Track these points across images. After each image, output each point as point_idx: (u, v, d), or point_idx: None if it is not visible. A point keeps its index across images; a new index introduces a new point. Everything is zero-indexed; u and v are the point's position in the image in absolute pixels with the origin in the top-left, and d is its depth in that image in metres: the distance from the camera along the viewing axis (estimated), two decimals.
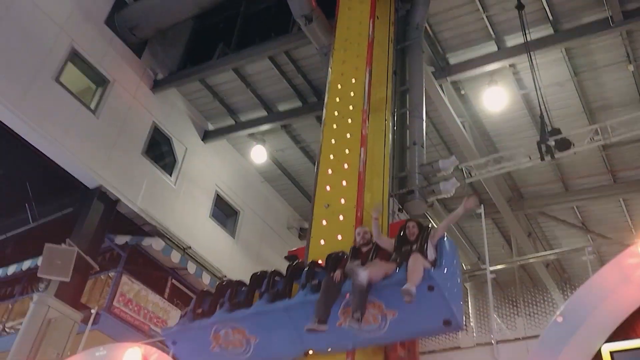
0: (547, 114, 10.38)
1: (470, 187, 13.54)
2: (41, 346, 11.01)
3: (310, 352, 5.55)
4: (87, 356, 4.01)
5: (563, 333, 2.54)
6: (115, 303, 12.25)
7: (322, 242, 7.43)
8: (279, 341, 5.75)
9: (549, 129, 9.98)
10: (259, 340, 5.65)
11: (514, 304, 7.84)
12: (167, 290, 13.62)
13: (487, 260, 7.70)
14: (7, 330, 13.81)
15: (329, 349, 5.64)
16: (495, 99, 11.85)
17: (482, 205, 8.93)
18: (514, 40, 11.15)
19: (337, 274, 5.43)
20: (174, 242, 13.37)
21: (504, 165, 11.34)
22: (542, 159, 9.89)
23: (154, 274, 13.64)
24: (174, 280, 13.89)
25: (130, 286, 12.73)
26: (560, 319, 2.67)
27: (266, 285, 5.99)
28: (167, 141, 14.20)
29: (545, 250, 14.52)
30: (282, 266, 16.32)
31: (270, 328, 5.74)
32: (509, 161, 11.29)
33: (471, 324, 7.95)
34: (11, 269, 14.72)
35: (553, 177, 13.71)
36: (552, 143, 9.73)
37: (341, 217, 7.44)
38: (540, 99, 10.01)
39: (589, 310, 2.70)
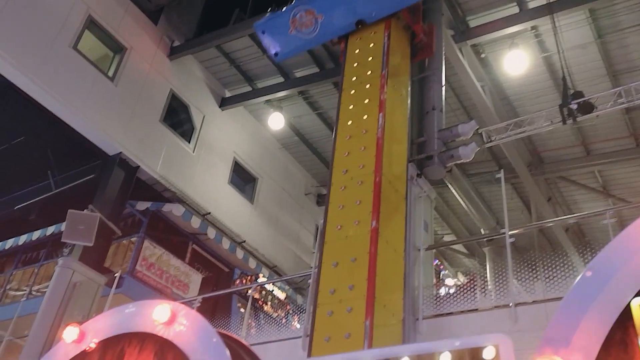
0: (569, 77, 10.18)
1: (490, 152, 13.43)
2: (67, 309, 11.35)
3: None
4: (117, 312, 4.12)
5: (592, 288, 2.53)
6: (138, 267, 12.53)
7: (341, 207, 7.47)
8: (338, 16, 8.15)
9: (571, 92, 9.81)
10: (324, 19, 7.69)
11: (533, 268, 7.86)
12: (188, 255, 13.89)
13: (506, 224, 7.68)
14: (33, 293, 14.24)
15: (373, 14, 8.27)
16: (516, 62, 11.62)
17: (501, 170, 8.87)
18: (535, 1, 10.85)
19: None
20: (193, 208, 13.55)
21: (525, 129, 11.19)
22: (564, 122, 9.76)
23: (175, 239, 13.89)
24: (194, 245, 14.13)
25: (152, 251, 12.99)
26: (589, 273, 2.66)
27: None
28: (185, 108, 14.24)
29: (565, 215, 14.44)
30: (302, 234, 16.48)
31: (332, 6, 8.23)
32: (529, 125, 11.14)
33: (489, 287, 8.00)
34: (36, 235, 15.10)
35: (574, 141, 13.53)
36: (574, 106, 9.57)
37: (360, 183, 7.45)
38: (563, 62, 9.81)
39: (620, 263, 2.67)
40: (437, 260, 13.76)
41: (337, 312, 6.63)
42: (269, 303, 13.96)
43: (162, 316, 3.72)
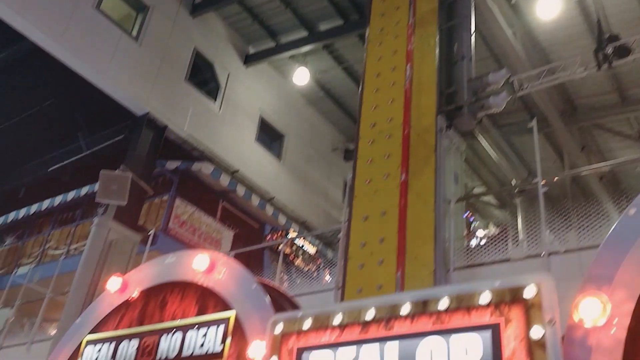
0: (604, 20, 9.78)
1: (521, 101, 13.13)
2: (105, 266, 11.70)
3: None
4: (158, 263, 4.23)
5: (635, 225, 2.48)
6: (170, 225, 12.79)
7: (369, 161, 7.44)
8: None
9: (606, 35, 9.44)
10: None
11: (566, 217, 7.76)
12: (219, 212, 14.10)
13: (539, 173, 7.56)
14: (71, 251, 14.70)
15: None
16: (548, 6, 11.18)
17: (534, 118, 8.68)
18: None
19: None
20: (222, 166, 13.67)
21: (557, 76, 10.86)
22: (599, 68, 9.44)
23: (205, 196, 14.08)
24: (224, 203, 14.32)
25: (183, 209, 13.22)
26: (632, 211, 2.60)
27: None
28: (210, 66, 14.17)
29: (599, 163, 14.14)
30: (330, 189, 16.49)
31: None
32: (562, 72, 10.80)
33: (521, 238, 7.95)
34: (70, 195, 15.47)
35: (609, 88, 13.10)
36: (609, 51, 9.23)
37: (388, 136, 7.38)
38: (597, 4, 9.41)
39: None
40: (468, 212, 13.68)
41: (368, 265, 6.69)
42: (300, 257, 14.16)
43: (201, 265, 3.81)
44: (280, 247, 12.20)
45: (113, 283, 4.21)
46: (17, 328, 14.19)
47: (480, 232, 13.81)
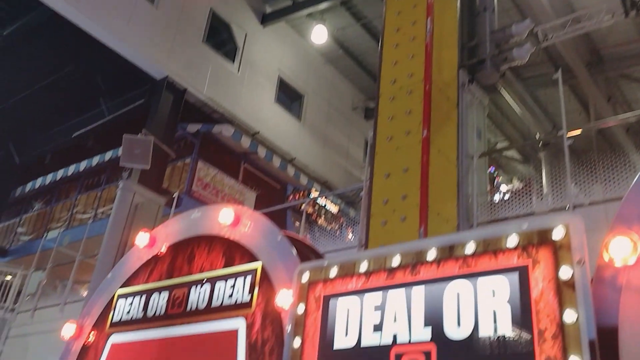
0: None
1: (545, 53, 12.80)
2: (132, 228, 11.93)
3: None
4: (184, 218, 4.29)
5: None
6: (194, 187, 12.93)
7: (390, 118, 7.36)
8: None
9: None
10: None
11: (591, 170, 7.64)
12: (241, 174, 14.19)
13: (563, 124, 7.43)
14: (99, 215, 15.00)
15: None
16: None
17: (559, 69, 8.46)
18: None
19: None
20: (242, 128, 13.69)
21: (583, 25, 10.52)
22: (626, 15, 9.11)
23: (227, 159, 14.16)
24: (246, 165, 14.40)
25: (206, 171, 13.33)
26: None
27: None
28: (227, 27, 14.04)
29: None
30: (351, 148, 16.39)
31: None
32: (588, 20, 10.46)
33: (545, 191, 7.87)
34: (95, 160, 15.70)
35: (636, 36, 12.66)
36: None
37: (409, 92, 7.28)
38: None
39: None
40: (492, 168, 13.56)
41: (391, 222, 6.69)
42: (323, 217, 14.25)
43: (227, 219, 3.85)
44: (302, 207, 12.28)
45: (141, 238, 4.30)
46: (50, 290, 14.66)
47: (503, 187, 13.70)
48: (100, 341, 4.19)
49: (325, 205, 14.49)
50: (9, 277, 14.49)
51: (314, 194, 14.50)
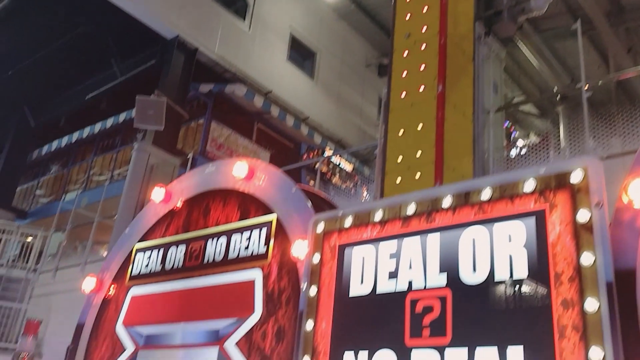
0: None
1: (564, 3, 12.41)
2: (148, 190, 12.04)
3: None
4: (199, 173, 4.30)
5: None
6: (208, 148, 12.96)
7: (405, 74, 7.24)
8: None
9: None
10: None
11: (610, 123, 7.50)
12: (254, 134, 14.17)
13: (582, 76, 7.26)
14: (115, 177, 15.15)
15: None
16: None
17: (578, 20, 8.22)
18: None
19: None
20: (255, 88, 13.59)
21: None
22: None
23: (240, 119, 14.12)
24: (259, 124, 14.36)
25: (220, 131, 13.33)
26: None
27: None
28: None
29: None
30: (365, 106, 16.25)
31: None
32: None
33: (562, 146, 7.75)
34: (109, 122, 15.76)
35: None
36: None
37: (423, 46, 7.13)
38: None
39: None
40: (508, 123, 13.37)
41: (406, 179, 6.66)
42: (337, 175, 14.25)
43: (241, 172, 3.85)
44: (316, 166, 12.28)
45: (157, 193, 4.33)
46: (70, 250, 14.95)
47: (520, 142, 13.54)
48: (121, 294, 4.28)
49: (339, 164, 14.47)
50: (29, 239, 14.79)
51: (328, 152, 14.47)
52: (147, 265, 4.23)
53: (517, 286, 2.44)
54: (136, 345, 3.96)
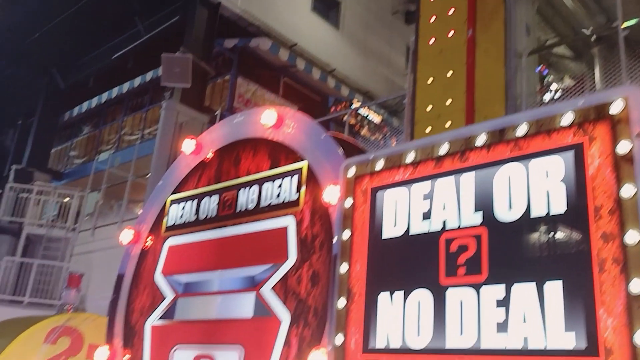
0: None
1: None
2: (178, 148, 12.19)
3: None
4: (227, 123, 4.31)
5: None
6: (235, 104, 12.98)
7: (433, 19, 7.06)
8: None
9: None
10: None
11: None
12: (281, 88, 14.10)
13: (619, 14, 6.96)
14: (145, 136, 15.34)
15: None
16: None
17: None
18: None
19: None
20: (280, 41, 13.44)
21: None
22: None
23: (266, 73, 14.05)
24: (285, 78, 14.27)
25: (246, 87, 13.31)
26: None
27: None
28: None
29: None
30: (392, 56, 15.90)
31: None
32: None
33: (598, 88, 7.52)
34: (137, 82, 15.87)
35: None
36: None
37: None
38: None
39: None
40: (541, 66, 12.96)
41: (436, 128, 6.57)
42: (366, 127, 14.15)
43: (269, 120, 3.84)
44: (344, 119, 12.19)
45: (187, 145, 4.36)
46: (106, 209, 15.35)
47: (554, 86, 13.16)
48: (158, 245, 4.38)
49: (367, 116, 14.35)
50: (67, 199, 15.21)
51: (356, 104, 14.33)
52: (181, 216, 4.30)
53: (555, 221, 2.40)
54: (175, 293, 4.07)
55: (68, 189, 15.45)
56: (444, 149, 2.89)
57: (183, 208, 4.31)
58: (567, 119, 2.44)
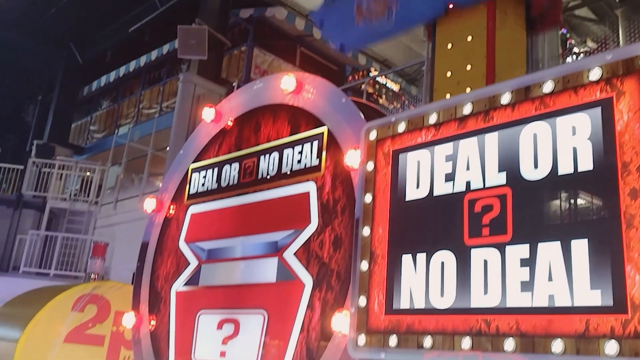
0: None
1: None
2: (196, 120, 12.21)
3: (451, 6, 5.09)
4: (247, 90, 4.30)
5: None
6: (252, 75, 12.92)
7: None
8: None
9: None
10: (401, 3, 5.29)
11: None
12: (297, 58, 14.00)
13: None
14: (164, 109, 15.39)
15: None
16: None
17: None
18: None
19: None
20: (295, 10, 13.28)
21: None
22: None
23: (282, 44, 13.94)
24: (302, 48, 14.15)
25: (262, 58, 13.24)
26: None
27: None
28: None
29: None
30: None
31: None
32: None
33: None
34: (154, 55, 15.86)
35: None
36: None
37: None
38: None
39: None
40: (564, 30, 12.64)
41: (456, 95, 6.46)
42: (384, 96, 14.02)
43: (289, 85, 3.81)
44: (362, 87, 12.08)
45: (207, 113, 4.36)
46: (127, 183, 15.53)
47: (576, 50, 12.87)
48: (180, 213, 4.42)
49: (385, 84, 14.20)
50: (88, 173, 15.41)
51: (373, 73, 14.17)
52: (203, 184, 4.33)
53: (582, 179, 2.36)
54: (199, 259, 4.12)
55: (89, 163, 15.66)
56: (467, 109, 2.85)
57: (204, 176, 4.34)
58: (595, 74, 2.38)
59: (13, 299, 7.22)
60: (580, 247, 2.32)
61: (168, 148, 12.72)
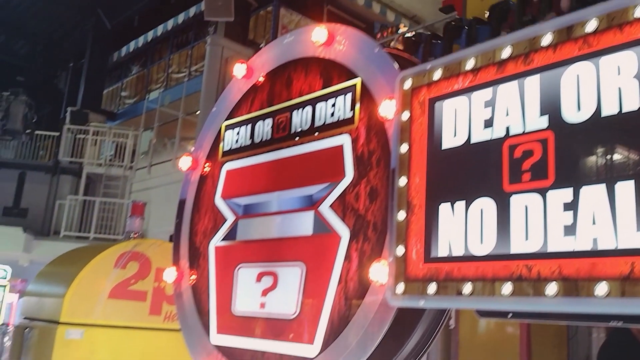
0: None
1: None
2: (226, 83, 12.20)
3: None
4: (277, 44, 4.26)
5: None
6: (279, 35, 12.77)
7: None
8: None
9: None
10: None
11: None
12: (324, 17, 13.77)
13: None
14: (193, 73, 15.43)
15: None
16: None
17: None
18: None
19: None
20: None
21: None
22: None
23: (309, 2, 13.75)
24: (328, 6, 13.91)
25: (289, 17, 13.08)
26: None
27: (422, 53, 5.63)
28: None
29: None
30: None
31: None
32: None
33: None
34: (180, 18, 15.82)
35: None
36: None
37: None
38: None
39: None
40: None
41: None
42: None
43: (320, 38, 3.75)
44: (391, 45, 11.83)
45: (239, 69, 4.34)
46: (160, 147, 15.75)
47: None
48: (215, 170, 4.47)
49: None
50: (122, 139, 15.67)
51: (402, 29, 13.85)
52: (237, 141, 4.35)
53: (627, 119, 2.29)
54: (236, 215, 4.18)
55: (122, 129, 15.90)
56: (506, 53, 2.77)
57: (238, 133, 4.36)
58: None
59: (56, 259, 7.49)
60: (625, 189, 2.27)
61: (198, 112, 12.78)
